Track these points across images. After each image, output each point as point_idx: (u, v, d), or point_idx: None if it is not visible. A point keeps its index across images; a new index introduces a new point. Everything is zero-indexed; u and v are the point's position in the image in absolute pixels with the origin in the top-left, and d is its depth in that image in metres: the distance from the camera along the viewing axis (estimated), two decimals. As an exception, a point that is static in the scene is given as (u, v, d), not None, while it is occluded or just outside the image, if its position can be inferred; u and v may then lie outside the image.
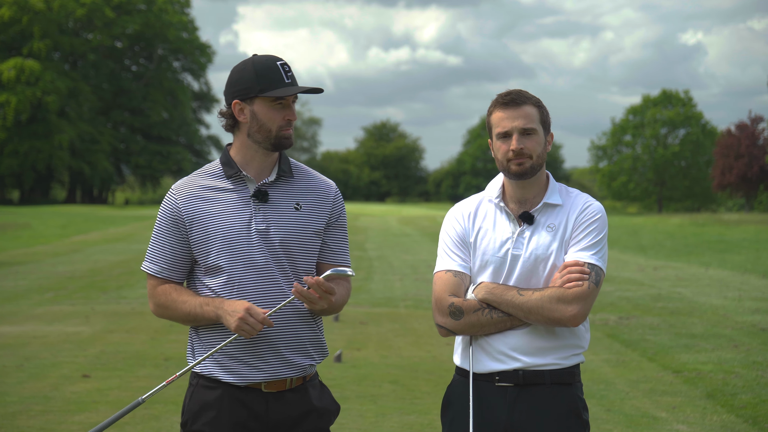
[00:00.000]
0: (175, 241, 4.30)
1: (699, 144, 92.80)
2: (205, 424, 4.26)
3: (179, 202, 4.29)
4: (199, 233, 4.26)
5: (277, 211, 4.30)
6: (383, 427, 8.80)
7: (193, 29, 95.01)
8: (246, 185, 4.31)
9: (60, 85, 79.13)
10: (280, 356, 4.26)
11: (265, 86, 4.21)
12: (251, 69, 4.24)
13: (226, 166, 4.33)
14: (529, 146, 4.30)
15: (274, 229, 4.27)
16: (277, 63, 4.25)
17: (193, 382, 4.36)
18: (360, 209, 74.10)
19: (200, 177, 4.36)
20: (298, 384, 4.33)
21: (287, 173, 4.36)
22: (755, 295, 19.97)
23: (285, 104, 4.24)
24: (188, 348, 4.40)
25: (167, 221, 4.32)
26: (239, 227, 4.24)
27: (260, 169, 4.32)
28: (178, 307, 4.28)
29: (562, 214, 4.37)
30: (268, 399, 4.27)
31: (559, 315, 4.19)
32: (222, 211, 4.27)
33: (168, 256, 4.32)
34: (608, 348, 13.17)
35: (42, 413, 9.06)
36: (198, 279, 4.34)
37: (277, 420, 4.27)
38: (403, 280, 22.96)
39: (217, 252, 4.24)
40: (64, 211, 61.35)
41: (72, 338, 13.40)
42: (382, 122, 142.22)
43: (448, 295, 4.35)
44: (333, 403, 4.47)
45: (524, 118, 4.32)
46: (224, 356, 4.26)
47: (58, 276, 22.84)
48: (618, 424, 9.03)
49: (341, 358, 11.93)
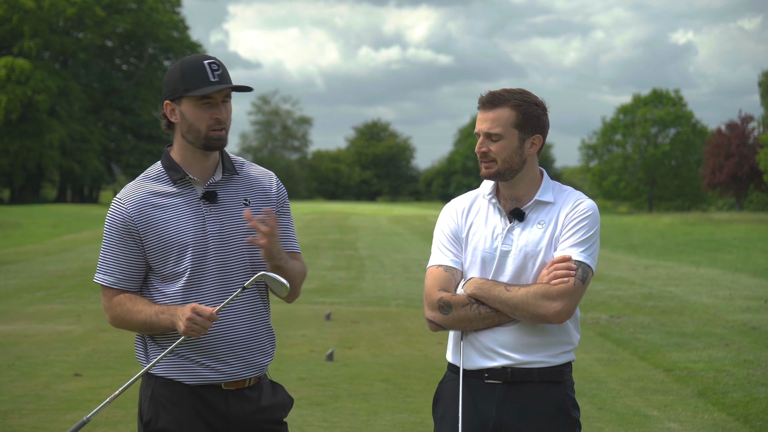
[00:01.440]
0: (129, 250, 4.25)
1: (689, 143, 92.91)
2: (168, 421, 4.26)
3: (130, 210, 4.24)
4: (155, 241, 4.22)
5: (228, 209, 4.30)
6: (375, 425, 8.81)
7: (183, 28, 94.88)
8: (193, 188, 4.29)
9: (50, 84, 78.93)
10: (240, 358, 4.28)
11: (190, 86, 4.18)
12: (178, 69, 4.22)
13: (171, 170, 4.30)
14: (493, 150, 4.30)
15: (229, 227, 4.27)
16: (204, 62, 4.20)
17: (151, 382, 4.33)
18: (351, 208, 74.06)
19: (146, 182, 4.31)
20: (255, 382, 4.37)
21: (231, 170, 4.36)
22: (746, 293, 20.01)
23: (212, 103, 4.21)
24: (138, 349, 4.38)
25: (119, 231, 4.26)
26: (195, 231, 4.23)
27: (203, 169, 4.31)
28: (134, 317, 4.25)
29: (554, 211, 4.36)
30: (228, 396, 4.29)
31: (544, 311, 4.19)
32: (175, 216, 4.24)
33: (122, 266, 4.27)
34: (599, 347, 13.20)
35: (34, 412, 9.06)
36: (153, 287, 4.30)
37: (237, 416, 4.29)
38: (395, 279, 22.96)
39: (176, 259, 4.22)
40: (55, 210, 61.20)
41: (63, 337, 13.39)
42: (373, 121, 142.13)
43: (438, 289, 4.35)
44: (287, 397, 4.51)
45: (491, 121, 4.30)
46: (182, 359, 4.25)
47: (49, 275, 22.81)
48: (609, 422, 9.05)
49: (333, 357, 11.93)
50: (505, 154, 4.30)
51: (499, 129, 4.30)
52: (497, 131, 4.30)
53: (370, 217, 57.64)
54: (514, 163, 4.32)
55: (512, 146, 4.31)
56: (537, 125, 4.37)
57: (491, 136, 4.31)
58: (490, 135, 4.31)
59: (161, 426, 4.26)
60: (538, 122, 4.37)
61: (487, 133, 4.31)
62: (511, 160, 4.31)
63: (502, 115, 4.31)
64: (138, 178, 4.34)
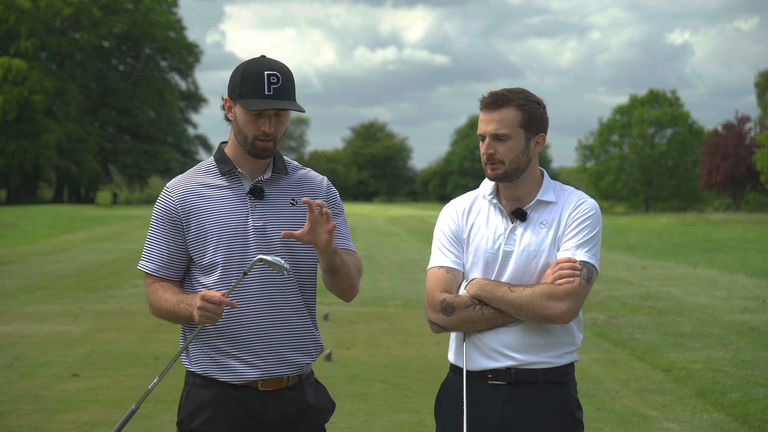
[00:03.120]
0: (172, 239, 4.27)
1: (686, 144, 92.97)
2: (201, 423, 4.24)
3: (175, 199, 4.26)
4: (196, 230, 4.23)
5: (273, 206, 4.28)
6: (374, 426, 8.80)
7: (180, 29, 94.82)
8: (241, 182, 4.29)
9: (47, 84, 78.89)
10: (277, 354, 4.24)
11: (244, 93, 4.17)
12: (240, 72, 4.20)
13: (221, 163, 4.31)
14: (501, 151, 4.26)
15: (272, 225, 4.25)
16: (265, 72, 4.16)
17: (189, 381, 4.33)
18: (348, 209, 74.01)
19: (195, 174, 4.34)
20: (295, 382, 4.32)
21: (282, 170, 4.34)
22: (743, 294, 20.02)
23: (263, 114, 4.19)
24: (180, 344, 4.38)
25: (163, 219, 4.29)
26: (236, 224, 4.22)
27: (254, 166, 4.30)
28: (162, 305, 4.26)
29: (556, 211, 4.34)
30: (265, 397, 4.25)
31: (550, 312, 4.16)
32: (218, 208, 4.24)
33: (164, 254, 4.29)
34: (597, 347, 13.19)
35: (32, 412, 9.04)
36: (195, 278, 4.31)
37: (273, 418, 4.26)
38: (392, 280, 22.95)
39: (214, 249, 4.21)
40: (52, 210, 61.16)
41: (61, 337, 13.37)
42: (370, 122, 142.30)
43: (440, 291, 4.32)
44: (329, 401, 4.46)
45: (498, 122, 4.26)
46: (218, 354, 4.23)
47: (45, 275, 22.77)
48: (608, 422, 9.04)
49: (331, 357, 11.92)
50: (513, 155, 4.27)
51: (506, 129, 4.26)
52: (505, 132, 4.26)
53: (367, 218, 57.68)
54: (521, 164, 4.30)
55: (519, 146, 4.28)
56: (540, 124, 4.35)
57: (498, 137, 4.27)
58: (497, 136, 4.27)
59: (194, 427, 4.25)
60: (541, 121, 4.35)
61: (494, 134, 4.27)
62: (518, 160, 4.29)
63: (507, 116, 4.27)
64: (190, 169, 4.38)
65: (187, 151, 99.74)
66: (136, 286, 20.34)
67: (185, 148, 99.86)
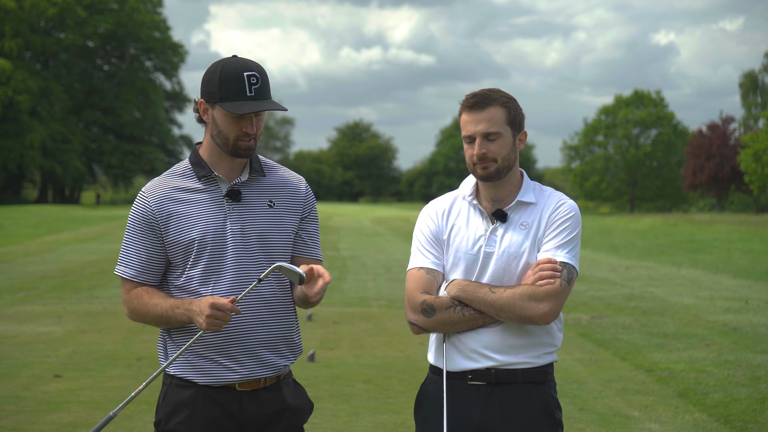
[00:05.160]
0: (149, 243, 4.26)
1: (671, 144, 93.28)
2: (178, 423, 4.24)
3: (152, 204, 4.25)
4: (174, 235, 4.22)
5: (250, 209, 4.28)
6: (356, 426, 8.79)
7: (165, 29, 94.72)
8: (218, 185, 4.28)
9: (31, 84, 78.69)
10: (254, 356, 4.24)
11: (224, 96, 4.16)
12: (218, 74, 4.18)
13: (197, 166, 4.30)
14: (493, 150, 4.27)
15: (250, 227, 4.25)
16: (245, 74, 4.16)
17: (167, 381, 4.33)
18: (333, 209, 74.04)
19: (171, 178, 4.31)
20: (272, 383, 4.32)
21: (258, 172, 4.34)
22: (727, 294, 20.07)
23: (245, 116, 4.18)
24: (159, 348, 4.36)
25: (140, 224, 4.27)
26: (215, 228, 4.22)
27: (230, 168, 4.30)
28: (150, 310, 4.24)
29: (536, 212, 4.35)
30: (242, 397, 4.25)
31: (531, 313, 4.17)
32: (196, 212, 4.23)
33: (142, 259, 4.28)
34: (581, 347, 13.21)
35: (14, 413, 9.01)
36: (171, 282, 4.30)
37: (251, 418, 4.26)
38: (376, 280, 22.95)
39: (194, 253, 4.21)
40: (36, 210, 61.02)
41: (44, 338, 13.33)
42: (355, 122, 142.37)
43: (420, 292, 4.33)
44: (307, 402, 4.46)
45: (487, 122, 4.27)
46: (197, 357, 4.23)
47: (29, 276, 22.71)
48: (591, 423, 9.05)
49: (314, 358, 11.91)
50: (504, 153, 4.29)
51: (496, 128, 4.28)
52: (495, 129, 4.28)
53: (352, 218, 57.63)
54: (510, 161, 4.32)
55: (509, 144, 4.31)
56: (522, 121, 4.40)
57: (489, 135, 4.28)
58: (488, 135, 4.28)
59: (171, 427, 4.25)
60: (522, 118, 4.40)
61: (485, 133, 4.28)
62: (509, 158, 4.31)
63: (495, 114, 4.29)
64: (165, 173, 4.35)
65: (171, 151, 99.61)
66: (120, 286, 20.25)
67: (170, 148, 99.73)
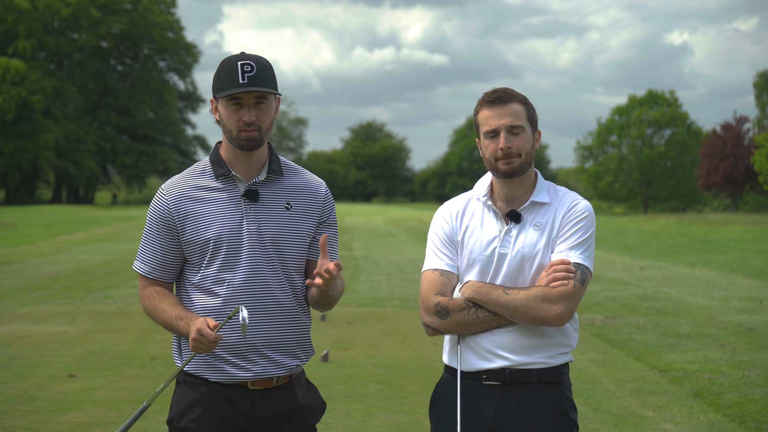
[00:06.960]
0: (166, 241, 4.28)
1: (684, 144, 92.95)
2: (191, 421, 4.25)
3: (169, 202, 4.26)
4: (190, 234, 4.23)
5: (267, 210, 4.28)
6: (370, 426, 8.79)
7: (178, 29, 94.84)
8: (236, 185, 4.28)
9: (45, 84, 78.89)
10: (266, 358, 4.25)
11: (221, 86, 4.18)
12: (218, 68, 4.24)
13: (216, 165, 4.30)
14: (517, 144, 4.27)
15: (266, 228, 4.25)
16: (239, 62, 4.17)
17: (180, 379, 4.35)
18: (346, 209, 74.00)
19: (189, 176, 4.32)
20: (285, 382, 4.32)
21: (277, 172, 4.33)
22: (741, 294, 20.01)
23: (242, 104, 4.18)
24: (174, 348, 4.38)
25: (157, 221, 4.29)
26: (230, 227, 4.22)
27: (248, 167, 4.29)
28: (158, 315, 4.28)
29: (550, 213, 4.34)
30: (255, 396, 4.26)
31: (544, 314, 4.16)
32: (213, 210, 4.24)
33: (158, 256, 4.30)
34: (595, 347, 13.18)
35: (28, 413, 9.03)
36: (188, 279, 4.32)
37: (263, 417, 4.26)
38: (390, 280, 22.94)
39: (209, 252, 4.22)
40: (50, 210, 61.15)
41: (58, 338, 13.36)
42: (368, 122, 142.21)
43: (435, 294, 4.32)
44: (319, 401, 4.46)
45: (511, 115, 4.27)
46: (212, 357, 4.24)
47: (43, 276, 22.77)
48: (605, 423, 9.03)
49: (328, 358, 11.91)
50: (527, 147, 4.30)
51: (520, 122, 4.29)
52: (519, 123, 4.28)
53: (365, 218, 57.65)
54: (531, 158, 4.33)
55: (530, 139, 4.33)
56: (537, 121, 4.41)
57: (513, 129, 4.28)
58: (513, 128, 4.27)
59: (183, 425, 4.26)
60: (537, 118, 4.41)
61: (509, 127, 4.27)
62: (530, 153, 4.32)
63: (517, 109, 4.30)
64: (186, 170, 4.37)
65: (185, 151, 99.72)
66: (133, 286, 20.33)
67: (183, 148, 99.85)
